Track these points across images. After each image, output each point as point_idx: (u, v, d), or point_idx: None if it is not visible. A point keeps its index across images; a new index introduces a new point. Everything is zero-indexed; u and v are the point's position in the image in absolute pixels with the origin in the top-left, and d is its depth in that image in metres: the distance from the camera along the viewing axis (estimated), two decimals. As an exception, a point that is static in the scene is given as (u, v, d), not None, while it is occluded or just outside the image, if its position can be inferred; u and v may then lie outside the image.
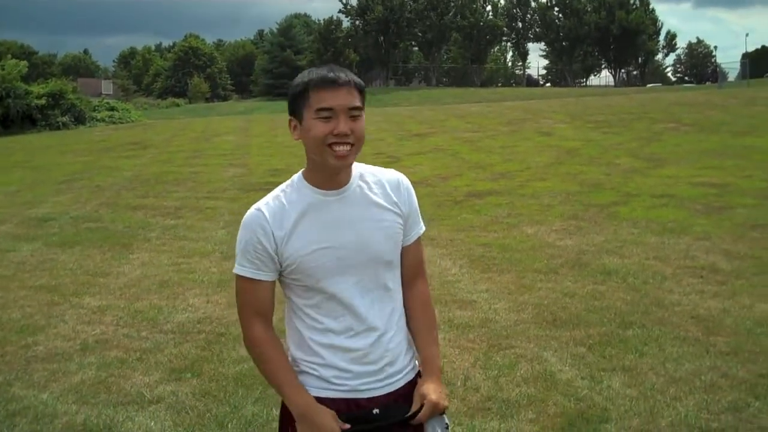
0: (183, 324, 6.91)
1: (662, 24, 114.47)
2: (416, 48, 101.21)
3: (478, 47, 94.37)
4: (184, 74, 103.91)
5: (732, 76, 76.37)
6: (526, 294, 7.54)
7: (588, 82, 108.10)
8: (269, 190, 2.40)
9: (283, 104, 2.83)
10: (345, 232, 2.32)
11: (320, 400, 2.30)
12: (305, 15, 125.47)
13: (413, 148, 21.77)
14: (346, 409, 2.31)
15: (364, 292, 2.35)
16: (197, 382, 5.47)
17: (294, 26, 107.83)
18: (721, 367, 5.37)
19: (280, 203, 2.31)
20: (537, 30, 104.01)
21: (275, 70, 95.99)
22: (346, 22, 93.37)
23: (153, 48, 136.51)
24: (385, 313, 2.39)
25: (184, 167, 18.96)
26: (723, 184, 13.80)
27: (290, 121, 2.32)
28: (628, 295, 7.31)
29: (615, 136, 21.36)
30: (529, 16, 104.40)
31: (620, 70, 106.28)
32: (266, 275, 2.32)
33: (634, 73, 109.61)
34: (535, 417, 4.69)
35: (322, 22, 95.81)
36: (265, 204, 2.32)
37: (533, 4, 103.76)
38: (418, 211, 2.51)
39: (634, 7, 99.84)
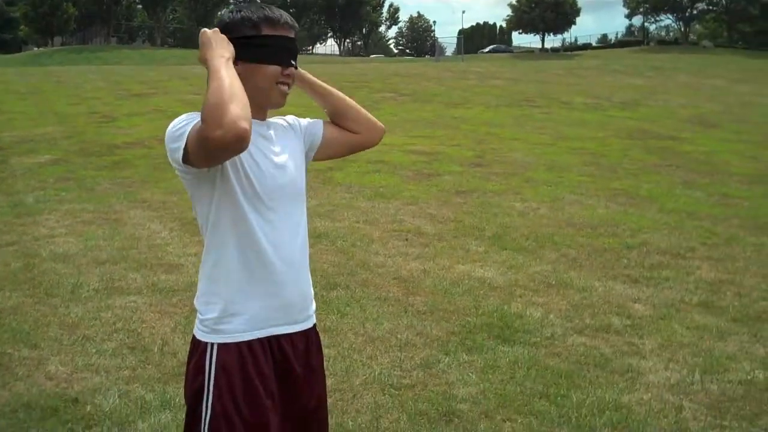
0: None
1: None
2: (140, 6, 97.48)
3: (204, 9, 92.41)
4: None
5: (449, 51, 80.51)
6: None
7: (314, 50, 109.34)
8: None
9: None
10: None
11: None
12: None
13: (131, 109, 20.97)
14: None
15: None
16: None
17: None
18: (417, 326, 5.54)
19: None
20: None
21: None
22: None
23: None
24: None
25: None
26: (433, 153, 14.43)
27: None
28: (336, 258, 7.40)
29: (335, 103, 21.69)
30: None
31: (345, 40, 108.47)
32: None
33: (359, 43, 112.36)
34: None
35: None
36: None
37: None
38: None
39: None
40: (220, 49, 2.11)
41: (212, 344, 2.24)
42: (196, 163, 2.11)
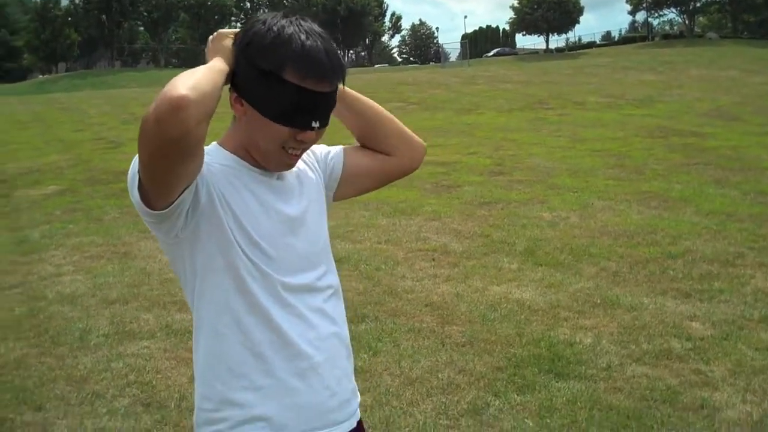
0: None
1: (387, 6, 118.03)
2: (142, 28, 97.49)
3: (206, 27, 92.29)
4: None
5: (454, 56, 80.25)
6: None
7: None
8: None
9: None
10: None
11: None
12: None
13: (137, 133, 20.49)
14: None
15: None
16: None
17: (8, 5, 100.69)
18: (458, 361, 5.01)
19: None
20: (265, 10, 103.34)
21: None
22: (65, 1, 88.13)
23: None
24: None
25: None
26: (450, 162, 13.93)
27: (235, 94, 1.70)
28: (360, 284, 6.88)
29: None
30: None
31: (349, 51, 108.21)
32: None
33: (363, 54, 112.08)
34: (259, 440, 4.09)
35: (38, 0, 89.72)
36: None
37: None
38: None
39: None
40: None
41: None
42: (148, 187, 1.58)
